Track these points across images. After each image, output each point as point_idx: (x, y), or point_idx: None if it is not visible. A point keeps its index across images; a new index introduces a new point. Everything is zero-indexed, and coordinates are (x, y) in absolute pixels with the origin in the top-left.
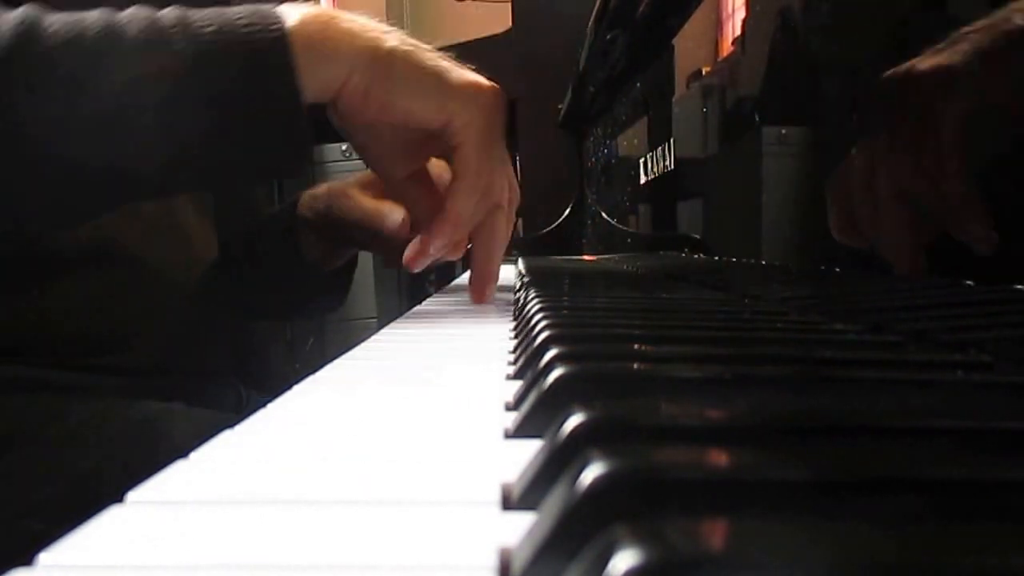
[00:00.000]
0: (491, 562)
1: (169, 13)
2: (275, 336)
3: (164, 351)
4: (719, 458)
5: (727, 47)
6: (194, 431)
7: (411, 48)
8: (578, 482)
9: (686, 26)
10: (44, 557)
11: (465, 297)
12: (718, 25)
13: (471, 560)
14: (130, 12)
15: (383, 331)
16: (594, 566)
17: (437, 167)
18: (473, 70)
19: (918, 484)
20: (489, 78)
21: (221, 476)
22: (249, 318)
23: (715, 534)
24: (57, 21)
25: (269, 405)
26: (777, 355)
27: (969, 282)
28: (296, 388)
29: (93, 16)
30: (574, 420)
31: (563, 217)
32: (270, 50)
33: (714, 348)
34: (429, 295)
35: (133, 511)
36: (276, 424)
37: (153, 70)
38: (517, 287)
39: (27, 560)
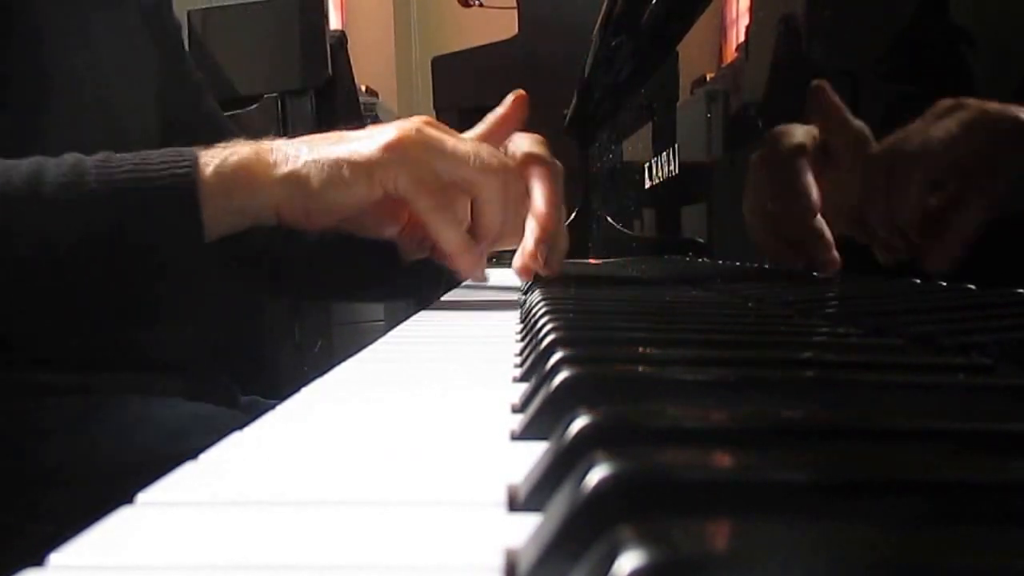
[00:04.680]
0: (497, 563)
1: (96, 156)
2: (284, 339)
3: (164, 350)
4: (723, 460)
5: (731, 53)
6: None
7: (319, 151)
8: (583, 483)
9: (690, 33)
10: (55, 557)
11: (471, 300)
12: (722, 31)
13: (477, 561)
14: (62, 156)
15: (391, 334)
16: (599, 567)
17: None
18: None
19: (920, 486)
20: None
21: (230, 477)
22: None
23: (720, 535)
24: None
25: (278, 407)
26: (781, 358)
27: (970, 285)
28: (305, 390)
29: (26, 162)
30: (580, 422)
31: (568, 221)
32: (177, 184)
33: (718, 351)
34: (436, 298)
35: (143, 512)
36: (285, 426)
37: (69, 209)
38: (523, 290)
39: (38, 560)
